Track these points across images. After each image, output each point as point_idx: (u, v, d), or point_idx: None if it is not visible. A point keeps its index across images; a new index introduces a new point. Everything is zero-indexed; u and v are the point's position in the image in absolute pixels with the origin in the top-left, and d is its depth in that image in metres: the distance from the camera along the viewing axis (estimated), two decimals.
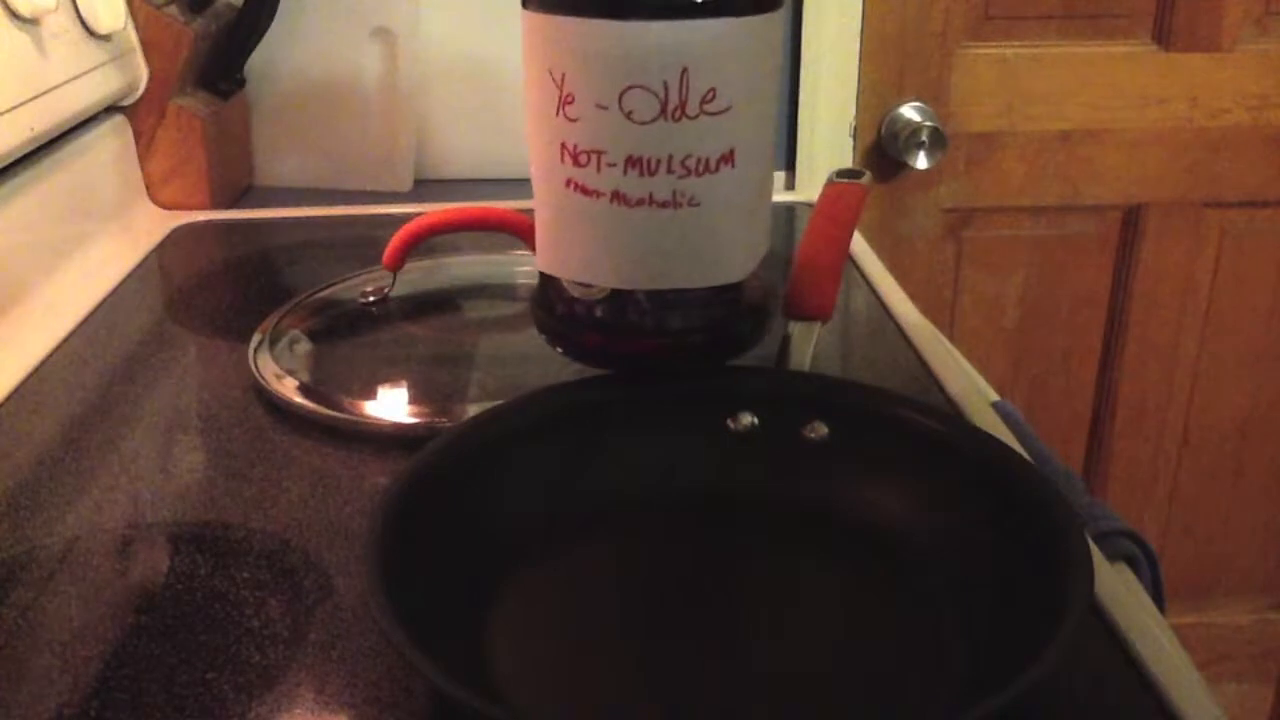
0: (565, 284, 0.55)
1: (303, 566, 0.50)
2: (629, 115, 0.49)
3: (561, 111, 0.51)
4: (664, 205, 0.51)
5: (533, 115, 0.53)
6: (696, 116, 0.50)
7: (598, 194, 0.51)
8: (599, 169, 0.51)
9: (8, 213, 0.75)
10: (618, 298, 0.53)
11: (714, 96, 0.50)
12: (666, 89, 0.49)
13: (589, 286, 0.54)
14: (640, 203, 0.51)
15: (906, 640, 0.44)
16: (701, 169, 0.51)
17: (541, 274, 0.57)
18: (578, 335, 0.56)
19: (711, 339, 0.55)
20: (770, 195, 0.56)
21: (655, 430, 0.52)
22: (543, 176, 0.54)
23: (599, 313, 0.54)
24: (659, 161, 0.50)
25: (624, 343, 0.55)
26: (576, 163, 0.51)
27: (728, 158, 0.51)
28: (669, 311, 0.54)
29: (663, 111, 0.49)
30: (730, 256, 0.53)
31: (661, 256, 0.52)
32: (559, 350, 0.57)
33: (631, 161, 0.50)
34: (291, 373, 0.64)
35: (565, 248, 0.54)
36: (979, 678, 0.40)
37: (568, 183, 0.52)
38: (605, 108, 0.50)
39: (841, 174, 0.67)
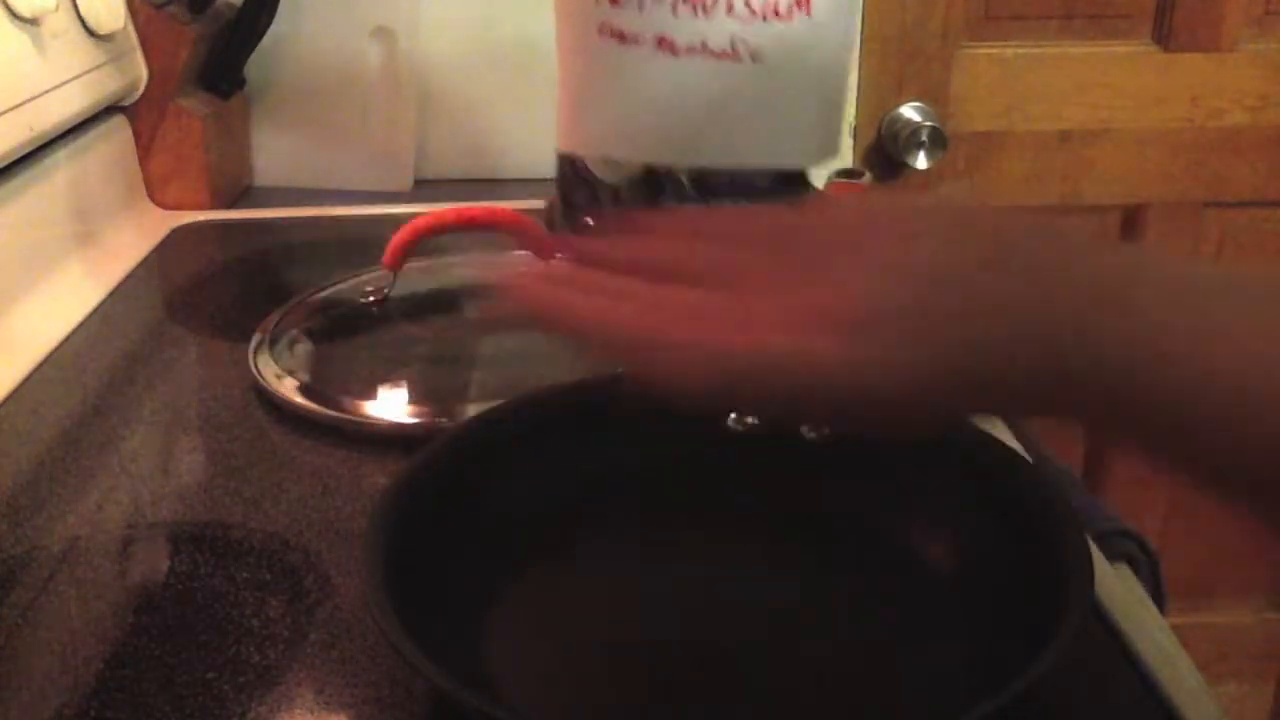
0: (589, 165, 0.46)
1: (303, 566, 0.50)
2: None
3: None
4: (720, 56, 0.41)
5: None
6: None
7: (638, 40, 0.42)
8: (640, 6, 0.42)
9: (8, 213, 0.75)
10: (653, 181, 0.45)
11: None
12: None
13: (618, 165, 0.45)
14: (690, 51, 0.41)
15: (906, 640, 0.44)
16: (770, 13, 0.41)
17: (560, 164, 0.48)
18: (598, 228, 0.46)
19: None
20: (850, 70, 0.46)
21: (655, 430, 0.52)
22: (570, 28, 0.45)
23: (628, 199, 0.46)
24: None
25: None
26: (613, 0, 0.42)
27: (803, 1, 0.42)
28: (716, 201, 0.45)
29: None
30: (800, 134, 0.44)
31: (713, 123, 0.42)
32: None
33: None
34: (291, 373, 0.64)
35: (593, 116, 0.44)
36: (979, 678, 0.40)
37: (601, 28, 0.42)
38: None
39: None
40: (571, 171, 0.47)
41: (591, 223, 0.48)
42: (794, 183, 0.45)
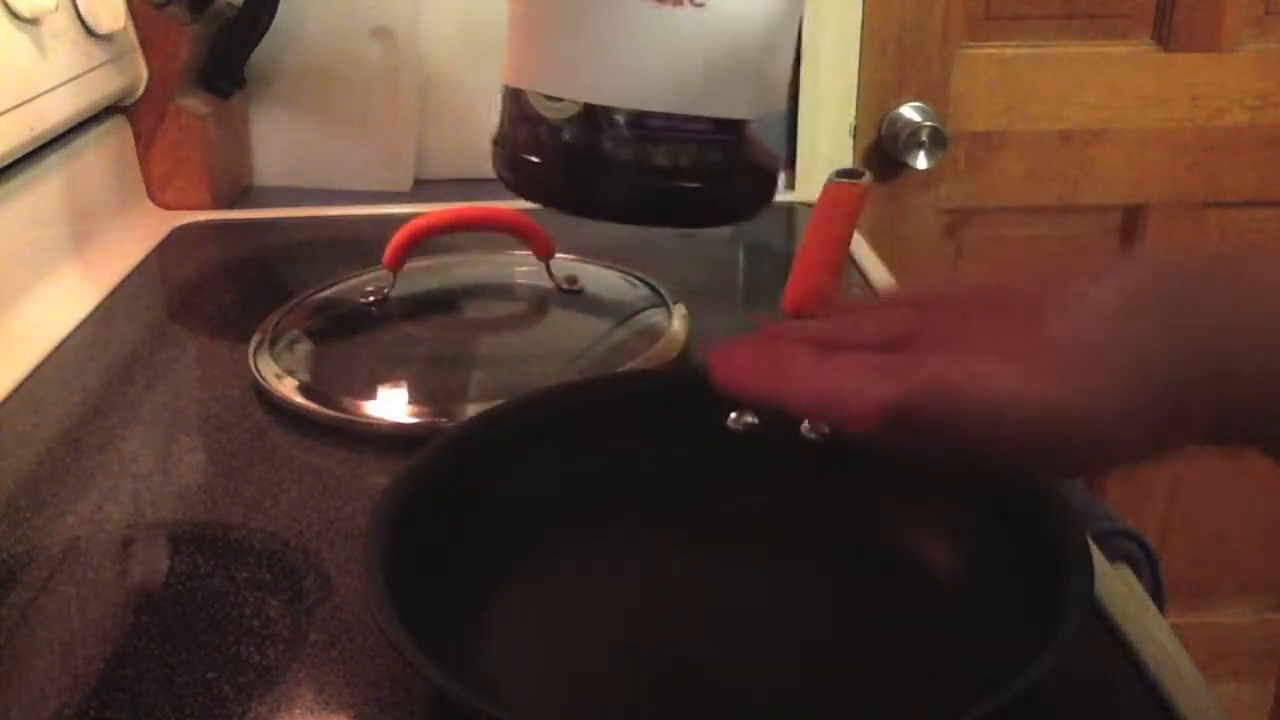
0: (531, 99, 0.45)
1: (303, 566, 0.50)
2: None
3: None
4: None
5: None
6: None
7: None
8: None
9: (7, 213, 0.75)
10: (591, 121, 0.44)
11: None
12: None
13: (559, 102, 0.44)
14: None
15: (906, 640, 0.44)
16: None
17: (503, 100, 0.47)
18: (539, 167, 0.45)
19: (705, 191, 0.45)
20: (796, 23, 0.44)
21: (655, 430, 0.52)
22: None
23: (567, 137, 0.44)
24: None
25: (595, 180, 0.45)
26: None
27: None
28: (653, 145, 0.44)
29: None
30: (740, 82, 0.43)
31: (653, 67, 0.42)
32: (516, 190, 0.47)
33: None
34: (291, 373, 0.64)
35: (536, 51, 0.44)
36: (979, 677, 0.40)
37: None
38: None
39: (841, 174, 0.67)
40: (515, 108, 0.46)
41: (535, 161, 0.46)
42: (732, 131, 0.44)
